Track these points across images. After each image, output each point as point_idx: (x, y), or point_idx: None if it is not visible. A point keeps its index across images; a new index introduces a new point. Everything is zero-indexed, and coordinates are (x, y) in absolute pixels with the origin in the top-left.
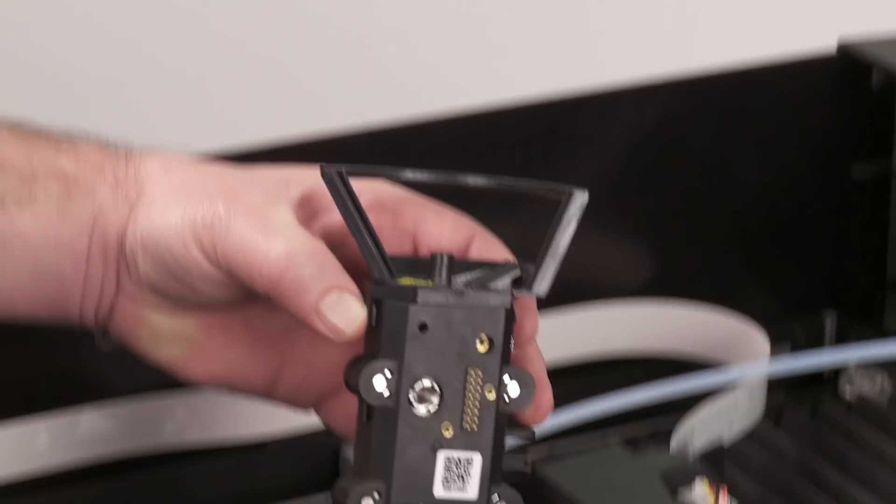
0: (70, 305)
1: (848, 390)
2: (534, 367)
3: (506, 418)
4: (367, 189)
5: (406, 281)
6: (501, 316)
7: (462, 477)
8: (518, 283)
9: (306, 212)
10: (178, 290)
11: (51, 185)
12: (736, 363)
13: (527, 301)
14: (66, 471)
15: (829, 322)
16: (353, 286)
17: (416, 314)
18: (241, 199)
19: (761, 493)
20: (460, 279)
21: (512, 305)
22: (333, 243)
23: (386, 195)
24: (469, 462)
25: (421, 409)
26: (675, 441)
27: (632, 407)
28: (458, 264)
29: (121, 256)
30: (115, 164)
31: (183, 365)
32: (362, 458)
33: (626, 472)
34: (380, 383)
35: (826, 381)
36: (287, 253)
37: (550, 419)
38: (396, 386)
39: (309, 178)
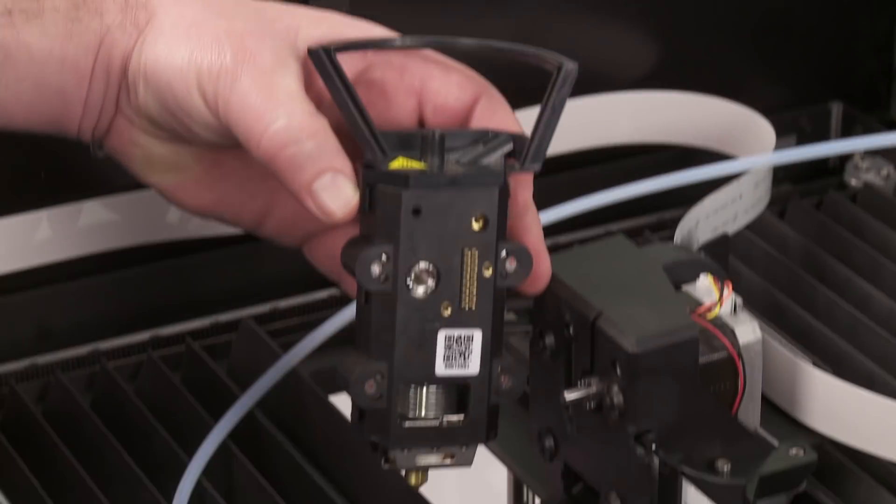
0: (69, 122)
1: (853, 180)
2: (530, 237)
3: (504, 292)
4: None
5: (398, 163)
6: (495, 195)
7: (463, 354)
8: (511, 156)
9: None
10: (174, 126)
11: (59, 0)
12: (741, 154)
13: (521, 173)
14: (68, 262)
15: (835, 112)
16: (348, 168)
17: (409, 200)
18: (250, 55)
19: (765, 285)
20: (453, 157)
21: (506, 183)
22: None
23: (393, 51)
24: (469, 339)
25: (419, 291)
26: (680, 233)
27: (636, 197)
28: (451, 136)
29: (123, 80)
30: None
31: (173, 192)
32: (363, 339)
33: (629, 264)
34: (376, 269)
35: (832, 171)
36: (287, 129)
37: (553, 211)
38: (393, 270)
39: (319, 27)
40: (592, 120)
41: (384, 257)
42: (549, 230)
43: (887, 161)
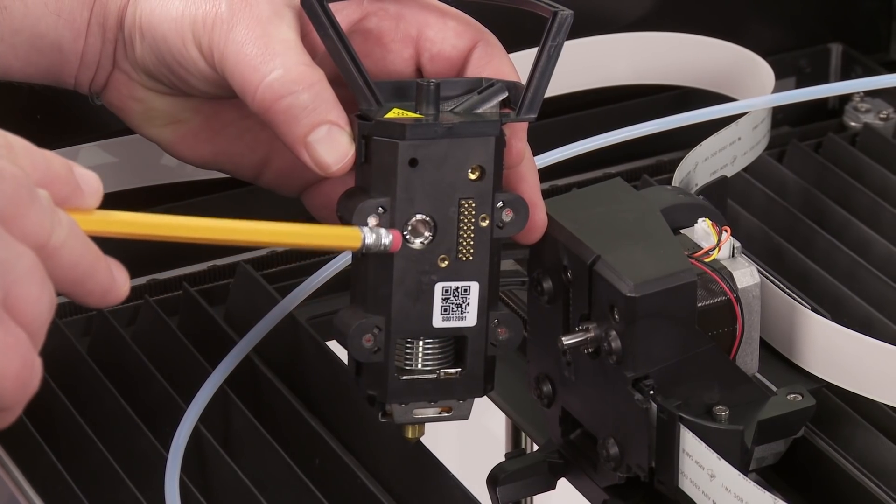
0: (65, 75)
1: (853, 122)
2: (526, 187)
3: (500, 243)
4: None
5: (393, 114)
6: (491, 145)
7: (460, 306)
8: (506, 105)
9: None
10: (171, 79)
11: None
12: (740, 96)
13: (517, 122)
14: None
15: (835, 54)
16: (344, 120)
17: (406, 151)
18: (245, 4)
19: (763, 229)
20: (448, 106)
21: (502, 132)
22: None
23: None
24: (466, 291)
25: (416, 243)
26: (678, 176)
27: (634, 139)
28: (446, 85)
29: (119, 35)
30: None
31: (172, 145)
32: (360, 292)
33: (627, 207)
34: (373, 221)
35: (831, 113)
36: (283, 80)
37: (550, 154)
38: (390, 222)
39: None
40: (590, 61)
41: (381, 209)
42: (547, 173)
43: (887, 102)
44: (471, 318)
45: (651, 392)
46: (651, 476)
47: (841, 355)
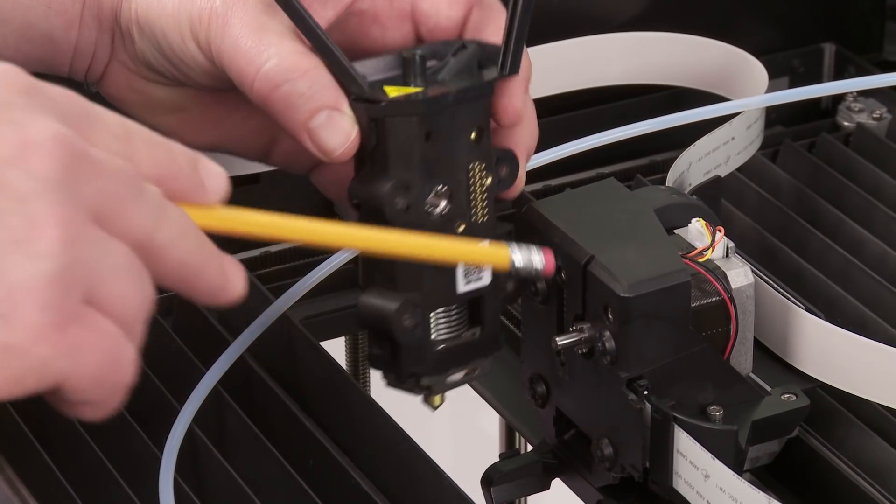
0: (59, 65)
1: (846, 122)
2: (517, 142)
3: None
4: None
5: (393, 92)
6: (487, 105)
7: (478, 267)
8: (486, 63)
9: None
10: (172, 71)
11: None
12: (733, 96)
13: (505, 83)
14: None
15: (828, 53)
16: (344, 104)
17: (423, 125)
18: None
19: (757, 229)
20: (438, 76)
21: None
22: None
23: None
24: None
25: (436, 214)
26: (672, 176)
27: (628, 139)
28: (423, 50)
29: (115, 28)
30: None
31: (176, 131)
32: (386, 273)
33: (621, 207)
34: (401, 202)
35: (824, 113)
36: (278, 68)
37: (544, 154)
38: (415, 200)
39: None
40: (584, 61)
41: (404, 188)
42: (541, 173)
43: (880, 102)
44: (486, 277)
45: (645, 392)
46: (645, 476)
47: (835, 355)
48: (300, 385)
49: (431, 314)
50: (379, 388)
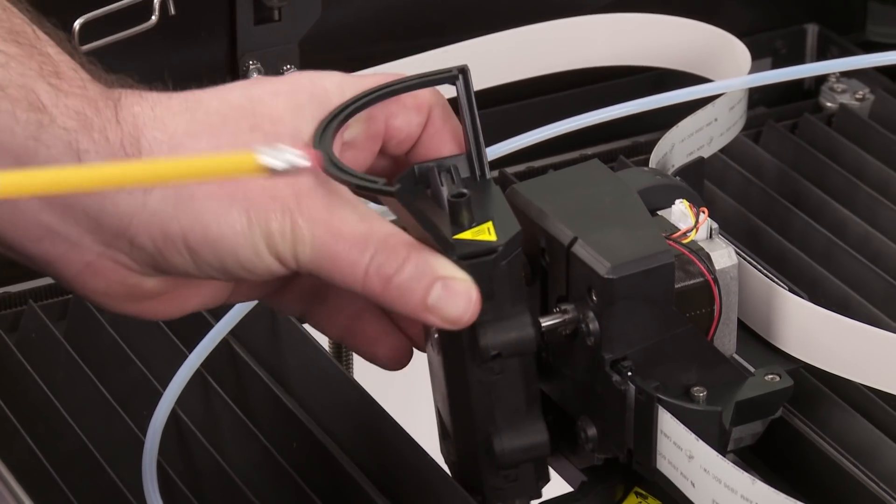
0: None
1: (829, 103)
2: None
3: None
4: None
5: (470, 235)
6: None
7: None
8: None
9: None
10: (211, 273)
11: (22, 114)
12: (716, 77)
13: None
14: None
15: (811, 34)
16: (450, 267)
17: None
18: (304, 201)
19: (740, 210)
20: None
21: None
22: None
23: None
24: None
25: None
26: (655, 157)
27: (610, 120)
28: (425, 170)
29: (118, 240)
30: (101, 111)
31: (154, 312)
32: (508, 414)
33: (604, 189)
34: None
35: (807, 94)
36: (383, 265)
37: (527, 136)
38: (534, 321)
39: (346, 88)
40: (566, 43)
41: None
42: (524, 155)
43: (862, 83)
44: None
45: (629, 373)
46: (629, 457)
47: (818, 336)
48: (283, 368)
49: None
50: (362, 370)
